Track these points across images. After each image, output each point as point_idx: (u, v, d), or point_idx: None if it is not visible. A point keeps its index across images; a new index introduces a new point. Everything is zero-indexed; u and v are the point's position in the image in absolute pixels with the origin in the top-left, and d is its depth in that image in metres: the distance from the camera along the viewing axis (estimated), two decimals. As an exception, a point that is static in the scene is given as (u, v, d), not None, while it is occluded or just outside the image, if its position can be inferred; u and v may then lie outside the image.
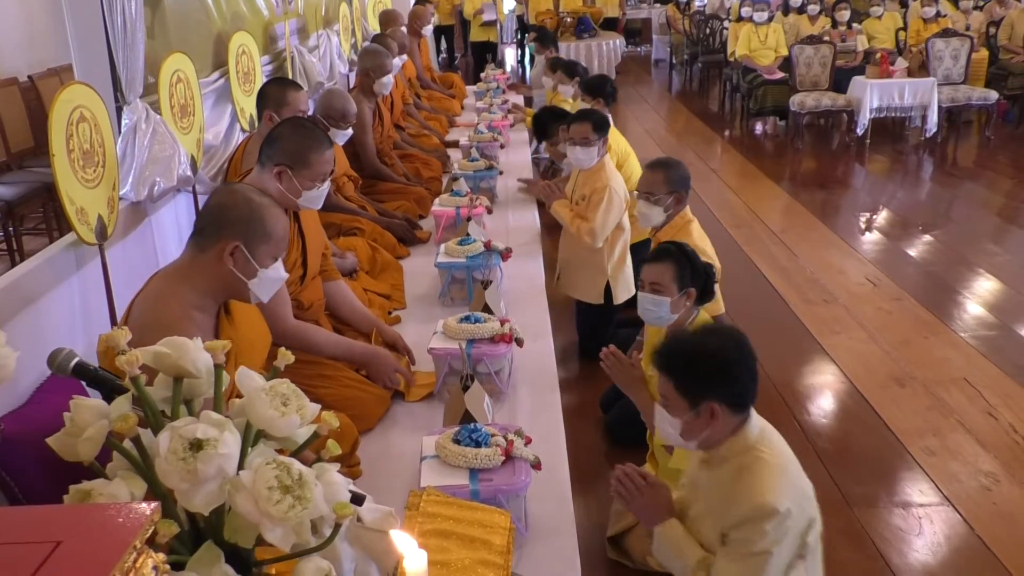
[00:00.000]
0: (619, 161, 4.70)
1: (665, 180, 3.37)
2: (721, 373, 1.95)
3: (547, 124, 5.03)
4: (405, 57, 6.39)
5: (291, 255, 2.64)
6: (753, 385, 1.99)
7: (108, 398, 1.42)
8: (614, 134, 4.65)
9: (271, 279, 2.01)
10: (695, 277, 2.71)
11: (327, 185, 2.66)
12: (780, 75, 9.76)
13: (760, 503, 1.87)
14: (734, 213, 7.03)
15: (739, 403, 1.97)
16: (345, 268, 3.23)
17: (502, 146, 5.40)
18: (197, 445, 1.22)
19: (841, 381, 4.25)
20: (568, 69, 6.45)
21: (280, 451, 1.36)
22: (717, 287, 2.94)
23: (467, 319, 2.66)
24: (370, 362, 2.58)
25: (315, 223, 2.85)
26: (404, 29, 6.70)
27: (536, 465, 2.03)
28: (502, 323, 2.64)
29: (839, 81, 9.27)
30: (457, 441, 2.01)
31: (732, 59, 10.70)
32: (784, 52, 9.83)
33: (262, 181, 2.53)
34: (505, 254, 3.27)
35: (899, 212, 7.01)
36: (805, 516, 1.94)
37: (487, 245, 3.27)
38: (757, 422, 2.01)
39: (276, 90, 3.35)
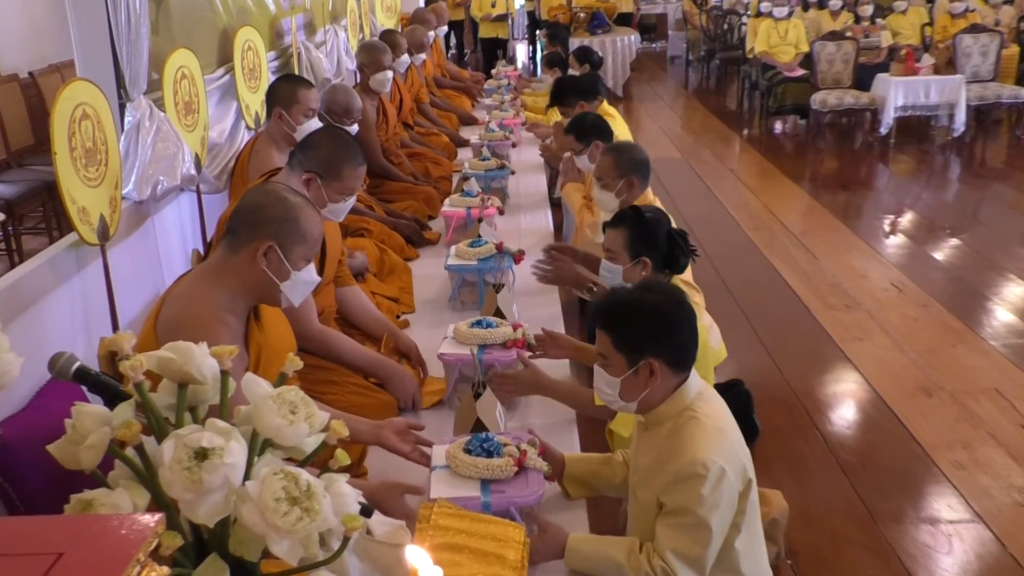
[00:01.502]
0: None
1: (615, 164, 3.33)
2: (660, 328, 1.92)
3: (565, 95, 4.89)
4: (423, 57, 6.41)
5: None
6: (693, 343, 1.96)
7: (110, 404, 1.41)
8: (618, 127, 4.60)
9: (304, 282, 2.02)
10: (652, 246, 2.61)
11: (353, 200, 2.69)
12: (801, 72, 9.73)
13: (691, 460, 1.81)
14: (753, 215, 7.01)
15: (679, 361, 1.93)
16: (355, 267, 3.24)
17: (514, 145, 5.39)
18: (202, 454, 1.21)
19: (865, 390, 4.23)
20: (562, 64, 6.42)
21: (288, 460, 1.35)
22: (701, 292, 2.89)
23: (479, 324, 2.65)
24: (391, 379, 2.59)
25: (335, 229, 2.88)
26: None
27: (550, 476, 2.02)
28: (515, 328, 2.64)
29: (862, 78, 9.24)
30: (468, 451, 2.00)
31: (751, 56, 10.69)
32: (805, 48, 9.80)
33: (289, 185, 2.55)
34: (518, 256, 3.26)
35: (925, 214, 6.97)
36: (742, 478, 1.87)
37: (499, 247, 3.26)
38: (696, 383, 1.97)
39: (286, 87, 3.36)
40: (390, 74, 4.70)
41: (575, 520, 2.07)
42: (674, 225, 2.68)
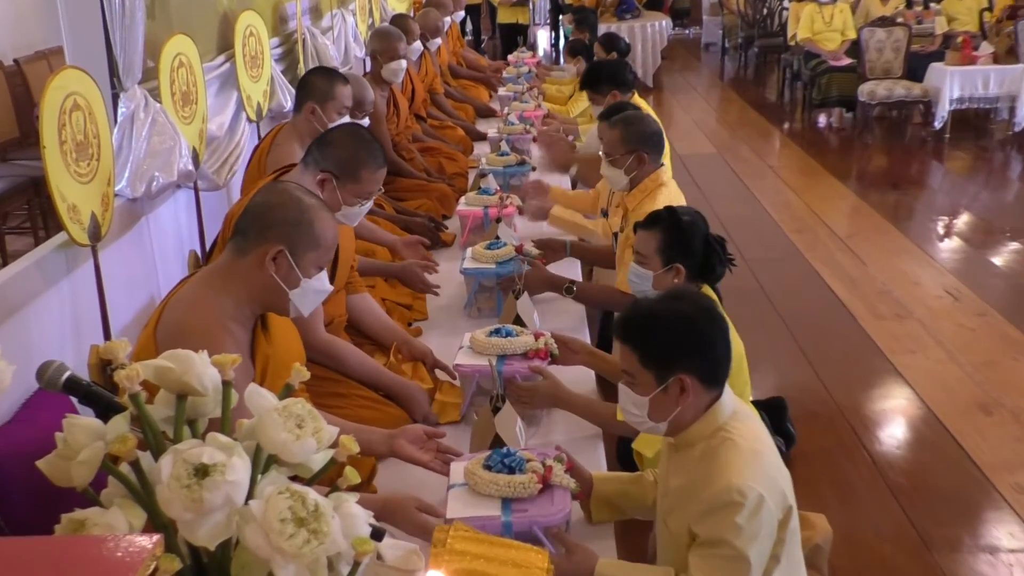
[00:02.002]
0: None
1: (622, 139, 3.31)
2: (691, 340, 1.89)
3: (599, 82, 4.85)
4: (439, 42, 6.43)
5: None
6: (726, 356, 1.94)
7: (103, 416, 1.42)
8: None
9: (315, 290, 2.03)
10: (687, 252, 2.59)
11: (369, 204, 2.71)
12: (847, 61, 9.69)
13: (726, 487, 1.79)
14: (795, 215, 6.98)
15: (712, 376, 1.90)
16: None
17: (534, 139, 5.39)
18: (203, 471, 1.22)
19: (917, 407, 4.20)
20: (586, 52, 6.42)
21: (294, 478, 1.36)
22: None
23: (497, 332, 2.65)
24: (401, 395, 2.61)
25: (349, 234, 2.90)
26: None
27: (578, 495, 2.01)
28: (536, 337, 2.63)
29: (914, 68, 9.19)
30: (488, 467, 2.00)
31: (793, 43, 10.64)
32: (852, 35, 9.76)
33: (303, 184, 2.57)
34: (539, 260, 3.26)
35: (983, 216, 6.93)
36: (782, 506, 1.85)
37: (518, 249, 3.26)
38: (730, 401, 1.94)
39: (323, 82, 3.39)
40: (404, 63, 4.72)
41: (603, 548, 2.06)
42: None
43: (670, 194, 3.28)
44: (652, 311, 1.96)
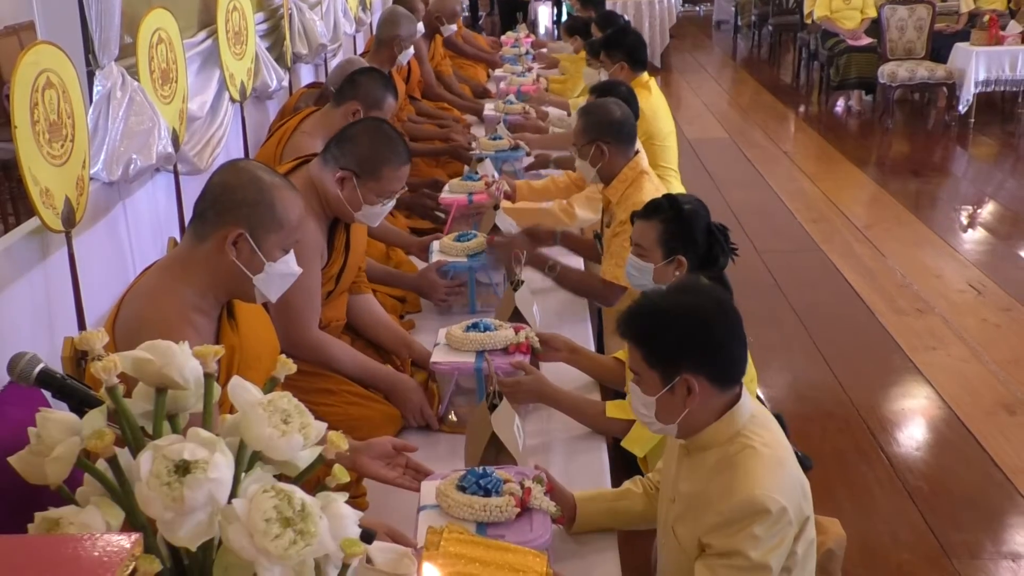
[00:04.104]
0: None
1: (582, 129, 3.35)
2: (698, 337, 1.86)
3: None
4: (454, 28, 6.45)
5: (332, 268, 2.71)
6: (740, 354, 1.90)
7: (78, 411, 1.43)
8: (653, 102, 4.57)
9: (280, 274, 2.03)
10: (689, 242, 2.57)
11: (391, 204, 2.72)
12: (867, 41, 9.68)
13: (748, 498, 1.76)
14: (810, 204, 6.99)
15: (723, 375, 1.87)
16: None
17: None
18: (183, 468, 1.22)
19: (937, 407, 4.22)
20: (584, 31, 6.43)
21: (280, 477, 1.37)
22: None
23: (474, 327, 2.64)
24: (393, 390, 2.62)
25: (363, 235, 2.91)
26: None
27: (559, 519, 2.00)
28: (516, 331, 2.63)
29: (938, 49, 9.19)
30: (463, 488, 1.97)
31: (809, 21, 10.63)
32: (872, 13, 9.75)
33: (321, 180, 2.60)
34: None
35: (1009, 205, 6.93)
36: (799, 518, 1.83)
37: (490, 241, 3.25)
38: (748, 404, 1.90)
39: (376, 88, 3.39)
40: (412, 50, 4.74)
41: (604, 559, 2.06)
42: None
43: (653, 185, 3.30)
44: (657, 306, 1.93)
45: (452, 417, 2.60)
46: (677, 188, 4.26)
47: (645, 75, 4.63)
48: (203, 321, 1.96)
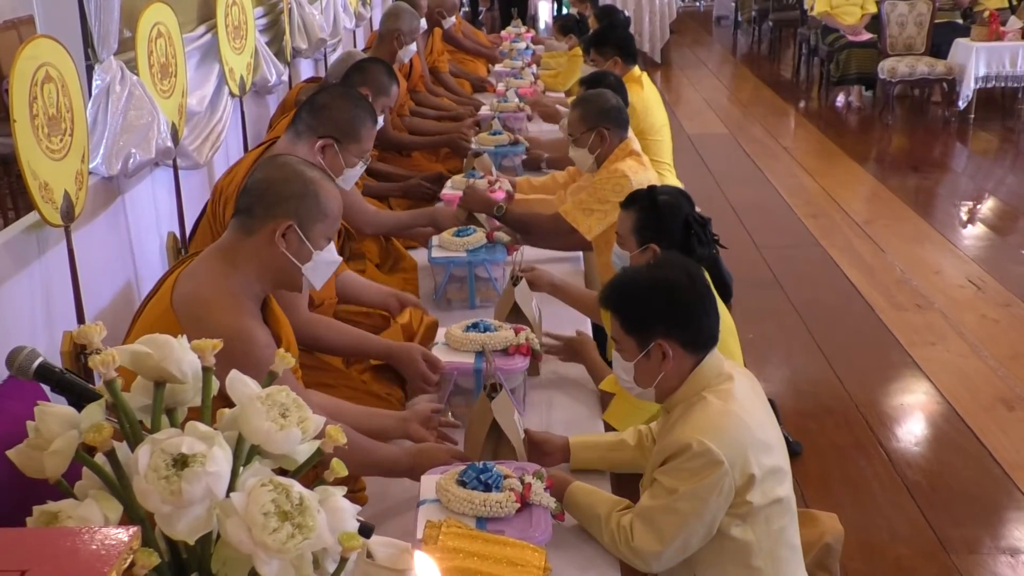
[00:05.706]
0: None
1: (581, 117, 3.44)
2: (666, 304, 2.03)
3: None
4: (453, 20, 6.44)
5: None
6: (710, 320, 2.05)
7: (77, 405, 1.43)
8: (646, 96, 4.57)
9: (326, 262, 2.09)
10: (662, 233, 2.61)
11: (364, 165, 2.77)
12: (867, 36, 9.67)
13: (677, 439, 1.91)
14: (810, 200, 6.99)
15: (694, 341, 2.02)
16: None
17: (529, 117, 5.39)
18: (182, 461, 1.22)
19: (936, 402, 4.22)
20: (579, 29, 6.44)
21: (278, 471, 1.37)
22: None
23: (475, 327, 2.64)
24: (392, 355, 2.61)
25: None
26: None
27: (559, 515, 2.01)
28: (516, 332, 2.63)
29: (938, 44, 9.17)
30: (463, 483, 1.98)
31: (810, 16, 10.62)
32: (872, 9, 9.73)
33: (297, 154, 2.57)
34: (511, 247, 3.26)
35: (1009, 201, 6.93)
36: (742, 473, 1.90)
37: (489, 236, 3.26)
38: (716, 364, 2.04)
39: (383, 78, 3.42)
40: (414, 47, 4.73)
41: (603, 556, 2.04)
42: (698, 209, 2.70)
43: (631, 166, 3.33)
44: (632, 279, 2.14)
45: (451, 417, 2.60)
46: (671, 182, 4.26)
47: (636, 70, 4.63)
48: (254, 308, 2.02)
